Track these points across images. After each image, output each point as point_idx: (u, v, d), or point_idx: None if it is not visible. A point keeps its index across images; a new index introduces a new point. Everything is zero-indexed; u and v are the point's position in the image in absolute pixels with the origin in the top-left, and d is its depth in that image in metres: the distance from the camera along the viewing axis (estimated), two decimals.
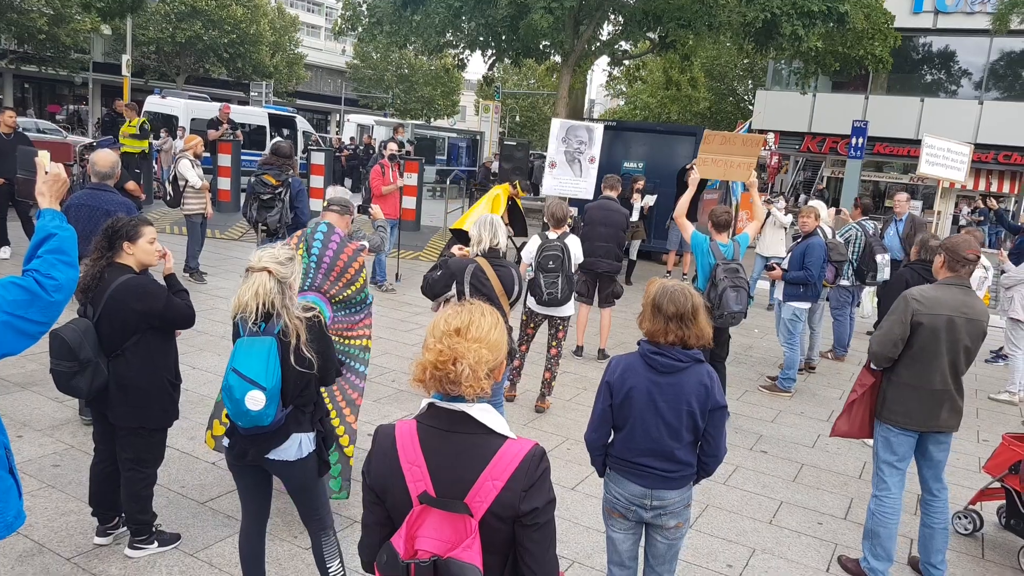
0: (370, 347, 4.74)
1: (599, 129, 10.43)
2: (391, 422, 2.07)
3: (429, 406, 2.01)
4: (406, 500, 1.95)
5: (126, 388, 3.80)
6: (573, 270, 6.73)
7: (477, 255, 5.10)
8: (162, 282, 4.01)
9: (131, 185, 8.06)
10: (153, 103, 23.14)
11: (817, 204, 8.95)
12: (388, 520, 2.03)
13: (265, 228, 7.78)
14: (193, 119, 21.76)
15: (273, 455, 3.26)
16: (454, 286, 5.06)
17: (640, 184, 12.65)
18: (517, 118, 53.70)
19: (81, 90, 40.21)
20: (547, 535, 1.98)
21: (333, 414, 4.41)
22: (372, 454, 2.05)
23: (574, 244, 6.77)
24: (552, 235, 6.65)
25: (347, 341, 4.59)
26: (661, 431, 3.11)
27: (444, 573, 1.83)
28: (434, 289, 5.12)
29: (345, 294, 4.51)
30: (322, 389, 4.32)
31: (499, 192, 7.65)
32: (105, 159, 5.77)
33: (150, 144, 14.15)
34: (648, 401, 3.11)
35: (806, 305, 7.73)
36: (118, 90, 30.10)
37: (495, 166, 20.25)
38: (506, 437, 1.97)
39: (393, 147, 11.43)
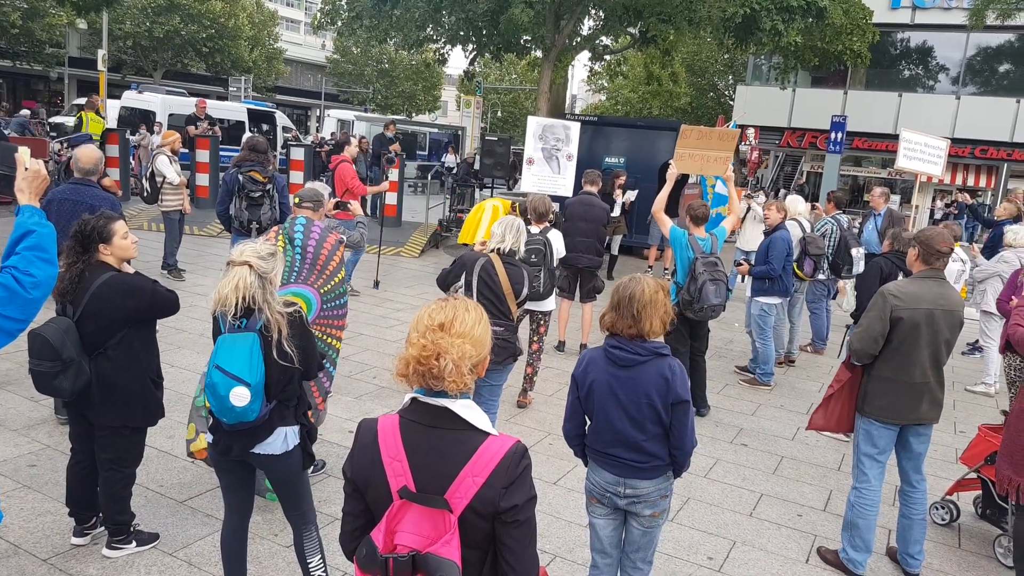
0: (340, 348, 4.76)
1: (575, 127, 10.44)
2: (373, 417, 2.07)
3: (412, 401, 2.01)
4: (386, 494, 1.94)
5: (109, 387, 3.76)
6: (555, 264, 6.74)
7: (493, 251, 5.11)
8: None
9: (107, 181, 7.98)
10: (130, 98, 22.87)
11: (795, 199, 9.00)
12: (366, 512, 2.03)
13: (258, 226, 7.69)
14: (171, 114, 21.54)
15: (258, 449, 3.27)
16: (463, 276, 5.08)
17: (622, 180, 12.67)
18: (499, 113, 53.66)
19: (57, 85, 39.71)
20: (527, 532, 1.98)
21: None
22: (354, 447, 2.04)
23: (556, 238, 6.78)
24: (534, 229, 6.66)
25: (328, 339, 4.58)
26: (624, 423, 3.14)
27: (423, 568, 1.83)
28: (446, 280, 5.16)
29: (330, 285, 4.51)
30: None
31: (498, 205, 7.66)
32: (89, 155, 5.77)
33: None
34: (609, 394, 3.15)
35: (774, 300, 7.76)
36: (94, 85, 29.73)
37: (476, 161, 20.16)
38: (488, 433, 1.97)
39: (354, 143, 11.34)
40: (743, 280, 7.92)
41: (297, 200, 4.80)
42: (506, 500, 1.91)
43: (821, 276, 8.92)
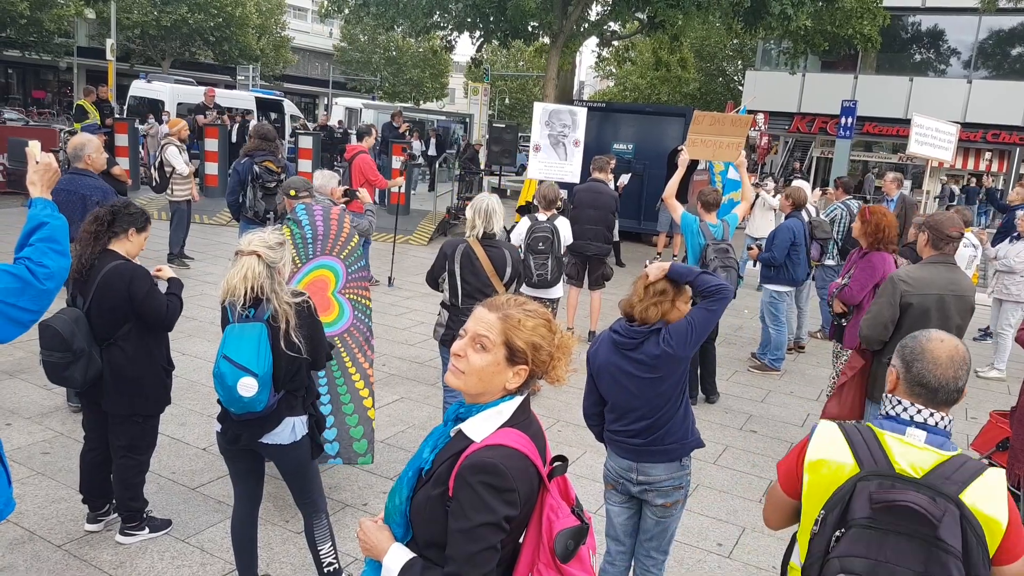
0: (371, 306, 4.90)
1: (582, 112, 10.32)
2: (486, 457, 1.85)
3: (521, 406, 1.99)
4: (538, 486, 1.96)
5: (120, 377, 3.79)
6: (562, 252, 6.72)
7: (471, 236, 5.07)
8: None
9: (117, 170, 8.00)
10: (139, 88, 22.93)
11: (801, 184, 8.98)
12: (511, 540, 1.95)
13: (274, 215, 7.69)
14: (179, 103, 21.58)
15: (267, 439, 3.29)
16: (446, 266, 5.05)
17: (612, 164, 12.34)
18: (507, 100, 53.45)
19: (66, 75, 39.78)
20: None
21: (357, 377, 4.57)
22: (515, 484, 1.85)
23: (563, 226, 6.77)
24: (541, 217, 6.64)
25: (362, 300, 4.68)
26: (631, 403, 3.18)
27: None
28: (433, 274, 5.08)
29: (347, 250, 4.64)
30: (344, 354, 4.40)
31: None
32: (71, 143, 5.96)
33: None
34: (614, 373, 3.20)
35: (781, 288, 7.80)
36: (103, 75, 29.78)
37: (483, 152, 20.04)
38: None
39: (375, 134, 11.24)
40: (755, 265, 7.93)
41: (293, 192, 4.82)
42: None
43: (830, 261, 8.88)
